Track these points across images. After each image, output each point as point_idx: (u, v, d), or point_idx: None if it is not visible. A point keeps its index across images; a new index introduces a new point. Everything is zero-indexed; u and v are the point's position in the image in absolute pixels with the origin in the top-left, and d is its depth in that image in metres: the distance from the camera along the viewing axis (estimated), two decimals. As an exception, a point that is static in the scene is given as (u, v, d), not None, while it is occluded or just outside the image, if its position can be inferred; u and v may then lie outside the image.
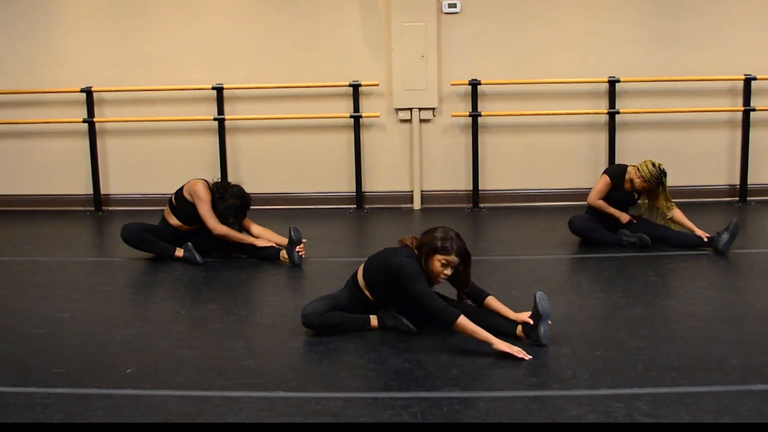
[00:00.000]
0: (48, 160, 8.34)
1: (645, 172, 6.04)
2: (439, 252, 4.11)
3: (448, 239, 4.12)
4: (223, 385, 3.73)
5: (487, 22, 7.97)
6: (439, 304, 3.98)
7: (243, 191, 6.06)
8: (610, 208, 6.21)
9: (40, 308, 4.97)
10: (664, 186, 6.12)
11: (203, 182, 6.02)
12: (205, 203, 5.93)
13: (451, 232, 4.17)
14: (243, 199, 6.00)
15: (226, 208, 5.93)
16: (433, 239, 4.14)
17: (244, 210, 6.02)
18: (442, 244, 4.11)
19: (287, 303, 5.03)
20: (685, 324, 4.45)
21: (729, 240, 5.85)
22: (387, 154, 8.18)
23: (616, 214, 6.21)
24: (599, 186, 6.26)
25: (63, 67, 8.16)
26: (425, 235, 4.21)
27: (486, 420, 3.33)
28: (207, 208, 5.93)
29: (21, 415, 3.44)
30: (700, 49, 7.93)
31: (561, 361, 3.93)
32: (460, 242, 4.15)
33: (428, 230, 4.24)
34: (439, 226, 4.25)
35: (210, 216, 5.93)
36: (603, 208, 6.22)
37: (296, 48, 8.07)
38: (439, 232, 4.16)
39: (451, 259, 4.11)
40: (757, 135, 8.00)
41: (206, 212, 5.93)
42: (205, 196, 5.94)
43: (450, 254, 4.10)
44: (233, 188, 6.04)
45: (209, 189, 5.99)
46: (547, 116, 8.05)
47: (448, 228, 4.21)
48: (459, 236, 4.19)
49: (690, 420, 3.28)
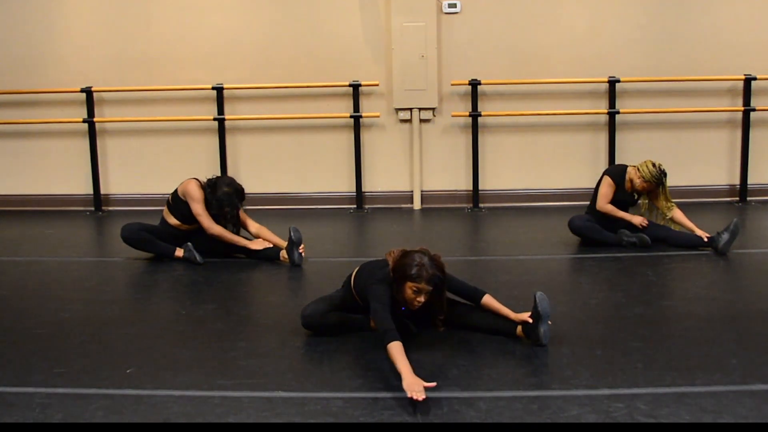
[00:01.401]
0: (48, 160, 8.34)
1: (645, 172, 6.04)
2: (410, 279, 3.93)
3: (420, 266, 3.92)
4: (223, 385, 3.73)
5: (487, 22, 7.97)
6: (384, 325, 3.82)
7: (234, 180, 6.04)
8: (620, 213, 6.19)
9: (40, 308, 4.97)
10: (664, 186, 6.12)
11: (195, 181, 6.01)
12: (198, 202, 5.93)
13: (425, 259, 3.96)
14: (234, 186, 5.97)
15: (219, 200, 5.89)
16: (406, 265, 3.95)
17: (238, 198, 5.97)
18: (413, 271, 3.92)
19: (287, 303, 5.03)
20: (685, 324, 4.45)
21: (729, 240, 5.85)
22: (387, 154, 8.18)
23: (627, 217, 6.18)
24: (604, 190, 6.23)
25: (63, 67, 8.16)
26: (401, 259, 4.01)
27: (486, 420, 3.33)
28: (200, 207, 5.92)
29: (21, 415, 3.44)
30: (700, 49, 7.93)
31: (561, 361, 3.93)
32: (433, 270, 3.95)
33: (405, 253, 4.04)
34: (417, 251, 4.03)
35: (204, 215, 5.92)
36: (613, 213, 6.19)
37: (296, 48, 8.07)
38: (415, 257, 3.97)
39: (421, 287, 3.95)
40: (757, 135, 8.00)
41: (200, 211, 5.92)
42: (197, 195, 5.93)
43: (420, 282, 3.93)
44: (223, 179, 6.03)
45: (201, 187, 5.98)
46: (547, 116, 8.05)
47: (424, 254, 4.00)
48: (435, 262, 3.98)
49: (690, 420, 3.28)
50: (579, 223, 6.24)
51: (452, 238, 7.05)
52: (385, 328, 3.78)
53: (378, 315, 3.89)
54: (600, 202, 6.24)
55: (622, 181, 6.23)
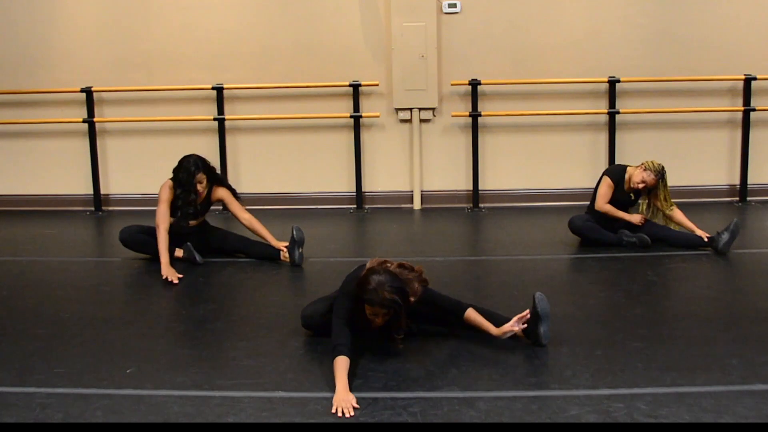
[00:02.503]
0: (48, 160, 8.34)
1: (649, 164, 6.06)
2: (365, 301, 3.84)
3: (375, 291, 3.78)
4: (223, 385, 3.73)
5: (487, 22, 7.97)
6: (336, 339, 3.79)
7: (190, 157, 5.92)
8: (619, 212, 6.20)
9: (40, 308, 4.97)
10: (665, 182, 6.12)
11: (168, 182, 5.94)
12: (161, 203, 5.85)
13: (385, 279, 3.81)
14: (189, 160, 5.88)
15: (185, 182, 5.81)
16: (364, 286, 3.84)
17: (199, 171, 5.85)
18: (367, 295, 3.81)
19: (287, 303, 5.03)
20: (685, 324, 4.45)
21: (729, 240, 5.85)
22: (387, 154, 8.18)
23: (626, 217, 6.19)
24: (603, 190, 6.24)
25: (63, 67, 8.16)
26: (364, 277, 3.89)
27: (486, 420, 3.33)
28: (160, 208, 5.84)
29: (21, 415, 3.45)
30: (700, 49, 7.93)
31: (561, 361, 3.93)
32: (390, 294, 3.79)
33: (370, 271, 3.90)
34: (382, 271, 3.87)
35: (158, 215, 5.82)
36: (612, 213, 6.20)
37: (296, 48, 8.07)
38: (373, 279, 3.82)
39: (375, 311, 3.84)
40: (757, 135, 8.00)
41: (159, 210, 5.84)
42: (163, 196, 5.86)
43: (373, 306, 3.82)
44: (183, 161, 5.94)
45: (172, 186, 5.90)
46: (547, 116, 8.05)
47: (389, 274, 3.86)
48: (397, 285, 3.83)
49: (690, 420, 3.28)
50: (579, 223, 6.24)
51: (452, 238, 7.05)
52: (336, 342, 3.78)
53: (333, 328, 3.88)
54: (599, 202, 6.25)
55: (621, 181, 6.23)
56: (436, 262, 5.93)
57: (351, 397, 3.51)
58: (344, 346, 3.75)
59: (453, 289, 4.86)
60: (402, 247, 6.70)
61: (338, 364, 3.68)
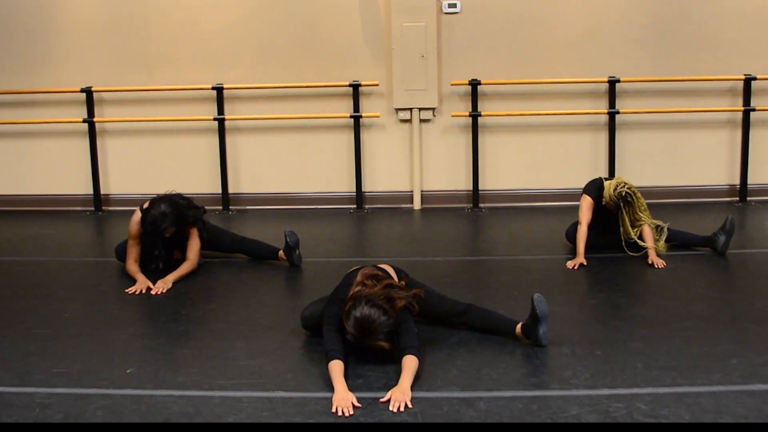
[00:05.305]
0: (48, 160, 8.34)
1: (605, 195, 5.77)
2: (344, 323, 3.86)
3: (353, 335, 3.80)
4: (223, 385, 3.73)
5: (487, 22, 7.97)
6: (328, 345, 3.80)
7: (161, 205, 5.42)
8: (580, 246, 5.77)
9: (40, 308, 4.97)
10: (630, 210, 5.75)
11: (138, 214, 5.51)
12: (129, 238, 5.56)
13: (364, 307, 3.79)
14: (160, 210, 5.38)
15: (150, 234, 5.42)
16: (347, 315, 3.83)
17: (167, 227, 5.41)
18: (348, 330, 3.82)
19: (287, 303, 5.03)
20: (685, 324, 4.45)
21: (726, 239, 5.84)
22: (387, 154, 8.18)
23: (579, 252, 5.75)
24: (583, 211, 5.86)
25: (63, 67, 8.16)
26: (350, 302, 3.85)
27: (486, 420, 3.33)
28: (128, 243, 5.57)
29: (21, 415, 3.45)
30: (700, 49, 7.93)
31: (561, 361, 3.93)
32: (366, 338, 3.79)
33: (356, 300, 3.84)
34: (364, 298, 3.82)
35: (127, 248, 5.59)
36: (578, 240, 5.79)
37: (296, 48, 8.07)
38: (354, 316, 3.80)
39: (351, 333, 3.83)
40: (757, 135, 8.00)
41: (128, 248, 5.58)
42: (132, 230, 5.51)
43: (348, 333, 3.83)
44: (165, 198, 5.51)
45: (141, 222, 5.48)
46: (547, 116, 8.04)
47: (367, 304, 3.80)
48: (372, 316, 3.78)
49: (690, 420, 3.28)
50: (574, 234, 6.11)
51: (452, 238, 7.04)
52: (328, 348, 3.79)
53: (324, 335, 3.90)
54: (580, 225, 5.87)
55: (600, 196, 5.88)
56: (436, 262, 5.93)
57: (351, 396, 3.52)
58: (336, 350, 3.78)
59: (453, 289, 4.88)
60: (402, 247, 6.70)
61: (333, 368, 3.69)
